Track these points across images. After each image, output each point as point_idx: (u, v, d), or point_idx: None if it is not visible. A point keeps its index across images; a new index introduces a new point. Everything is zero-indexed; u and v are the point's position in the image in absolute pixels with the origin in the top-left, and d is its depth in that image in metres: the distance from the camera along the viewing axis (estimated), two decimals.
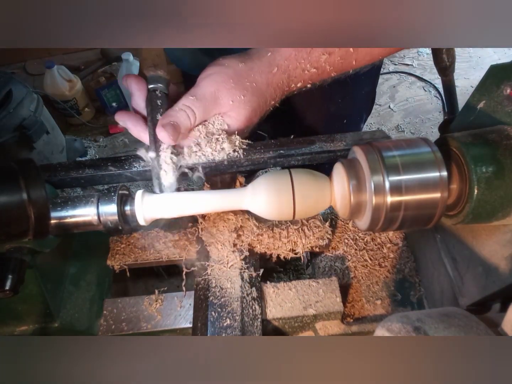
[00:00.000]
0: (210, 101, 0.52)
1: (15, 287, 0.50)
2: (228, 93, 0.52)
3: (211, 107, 0.52)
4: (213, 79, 0.52)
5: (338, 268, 0.70)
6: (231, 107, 0.53)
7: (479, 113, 0.53)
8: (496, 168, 0.46)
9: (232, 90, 0.52)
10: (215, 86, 0.52)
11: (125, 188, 0.52)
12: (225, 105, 0.53)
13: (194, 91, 0.52)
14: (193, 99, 0.51)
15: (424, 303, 0.67)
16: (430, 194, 0.45)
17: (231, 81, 0.52)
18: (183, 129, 0.51)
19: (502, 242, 0.50)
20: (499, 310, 0.53)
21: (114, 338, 0.56)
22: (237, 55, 0.55)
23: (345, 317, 0.64)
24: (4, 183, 0.41)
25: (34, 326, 0.63)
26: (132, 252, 0.65)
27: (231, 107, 0.53)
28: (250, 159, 0.56)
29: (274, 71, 0.53)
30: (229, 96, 0.52)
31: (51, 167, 0.57)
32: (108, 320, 0.60)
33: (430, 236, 0.65)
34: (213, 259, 0.61)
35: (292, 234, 0.64)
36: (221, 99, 0.52)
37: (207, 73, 0.54)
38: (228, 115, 0.54)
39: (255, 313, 0.57)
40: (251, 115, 0.54)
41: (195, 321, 0.57)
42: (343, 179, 0.48)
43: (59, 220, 0.49)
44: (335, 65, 0.56)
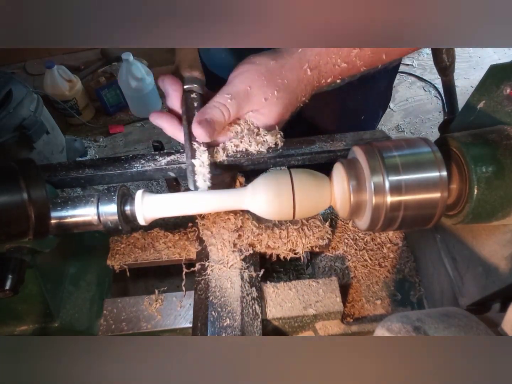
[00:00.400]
0: (243, 98, 0.53)
1: (15, 287, 0.50)
2: (260, 90, 0.53)
3: (244, 104, 0.53)
4: (246, 76, 0.53)
5: (338, 268, 0.70)
6: (263, 104, 0.53)
7: (479, 113, 0.53)
8: (496, 168, 0.46)
9: (264, 88, 0.53)
10: (247, 84, 0.53)
11: (125, 188, 0.52)
12: (258, 102, 0.53)
13: (227, 89, 0.53)
14: (227, 96, 0.52)
15: (424, 303, 0.67)
16: (430, 194, 0.45)
17: (263, 78, 0.53)
18: (218, 125, 0.52)
19: (502, 242, 0.50)
20: (499, 310, 0.53)
21: (114, 338, 0.56)
22: (268, 53, 0.55)
23: (345, 317, 0.64)
24: (4, 183, 0.41)
25: (34, 326, 0.63)
26: (132, 252, 0.65)
27: (263, 105, 0.53)
28: (250, 159, 0.56)
29: (305, 67, 0.53)
30: (261, 94, 0.53)
31: (51, 167, 0.57)
32: (108, 320, 0.60)
33: (430, 236, 0.65)
34: (213, 259, 0.61)
35: (292, 234, 0.64)
36: (253, 97, 0.53)
37: (239, 71, 0.54)
38: (261, 112, 0.55)
39: (255, 313, 0.57)
40: (283, 112, 0.55)
41: (195, 321, 0.57)
42: (343, 179, 0.48)
43: (59, 220, 0.49)
44: (365, 60, 0.55)
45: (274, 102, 0.53)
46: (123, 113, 2.43)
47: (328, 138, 0.59)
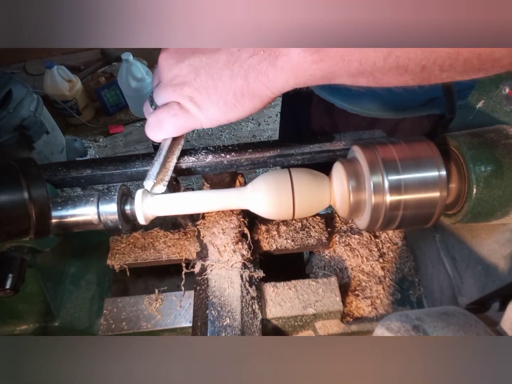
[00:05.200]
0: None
1: (15, 286, 0.50)
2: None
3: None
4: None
5: (337, 267, 0.70)
6: None
7: (478, 113, 0.53)
8: (495, 167, 0.46)
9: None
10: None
11: (125, 188, 0.53)
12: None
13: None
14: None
15: (423, 302, 0.67)
16: (429, 193, 0.45)
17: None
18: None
19: (501, 241, 0.50)
20: (498, 309, 0.54)
21: (114, 338, 0.57)
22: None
23: (344, 316, 0.64)
24: (5, 182, 0.41)
25: (34, 325, 0.63)
26: (132, 252, 0.65)
27: None
28: (250, 159, 0.56)
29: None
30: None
31: (51, 166, 0.57)
32: (108, 320, 0.60)
33: (429, 236, 0.65)
34: (213, 259, 0.62)
35: (291, 234, 0.65)
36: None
37: None
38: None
39: (254, 312, 0.57)
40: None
41: (195, 320, 0.57)
42: (343, 179, 0.48)
43: (60, 219, 0.49)
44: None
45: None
46: (123, 113, 2.43)
47: (327, 137, 0.59)
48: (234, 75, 0.42)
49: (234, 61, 0.42)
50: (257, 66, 0.40)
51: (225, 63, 0.42)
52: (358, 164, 0.48)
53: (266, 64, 0.40)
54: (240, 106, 0.44)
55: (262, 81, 0.41)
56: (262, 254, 0.65)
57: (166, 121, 0.48)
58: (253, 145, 0.57)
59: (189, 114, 0.47)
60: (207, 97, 0.45)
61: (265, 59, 0.40)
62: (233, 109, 0.45)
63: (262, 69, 0.40)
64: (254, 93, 0.42)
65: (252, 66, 0.40)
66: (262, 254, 0.66)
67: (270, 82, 0.41)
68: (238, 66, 0.41)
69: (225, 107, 0.45)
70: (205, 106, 0.46)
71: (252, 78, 0.41)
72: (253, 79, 0.41)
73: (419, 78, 0.37)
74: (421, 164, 0.45)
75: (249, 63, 0.41)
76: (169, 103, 0.48)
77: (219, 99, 0.44)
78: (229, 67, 0.42)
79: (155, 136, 0.51)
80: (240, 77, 0.42)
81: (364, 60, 0.36)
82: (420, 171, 0.45)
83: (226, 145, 0.58)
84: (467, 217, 0.48)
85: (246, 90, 0.42)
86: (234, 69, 0.42)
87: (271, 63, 0.39)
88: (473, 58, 0.33)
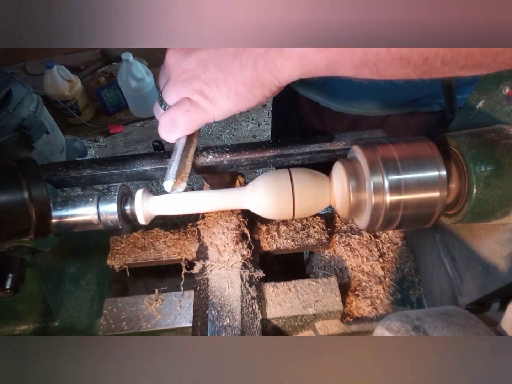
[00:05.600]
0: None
1: (15, 286, 0.50)
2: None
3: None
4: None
5: (337, 267, 0.70)
6: None
7: (478, 113, 0.53)
8: (495, 167, 0.46)
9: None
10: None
11: (125, 188, 0.53)
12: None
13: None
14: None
15: (423, 302, 0.67)
16: (429, 193, 0.45)
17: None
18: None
19: (501, 241, 0.50)
20: (498, 309, 0.54)
21: (114, 338, 0.56)
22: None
23: (344, 316, 0.64)
24: (5, 182, 0.41)
25: (34, 325, 0.63)
26: (132, 252, 0.65)
27: None
28: (250, 159, 0.56)
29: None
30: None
31: (51, 166, 0.57)
32: (108, 320, 0.60)
33: (429, 236, 0.65)
34: (213, 259, 0.62)
35: (291, 234, 0.65)
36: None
37: None
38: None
39: (254, 312, 0.57)
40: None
41: (195, 320, 0.57)
42: (343, 179, 0.48)
43: (60, 219, 0.49)
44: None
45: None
46: (123, 113, 2.43)
47: (327, 137, 0.59)
48: (243, 65, 0.42)
49: (242, 51, 0.42)
50: (265, 54, 0.41)
51: (233, 54, 0.43)
52: (358, 164, 0.48)
53: (273, 52, 0.40)
54: (251, 96, 0.44)
55: (270, 69, 0.41)
56: (262, 254, 0.65)
57: (179, 119, 0.47)
58: (253, 145, 0.57)
59: (200, 108, 0.46)
60: (217, 90, 0.45)
61: (272, 47, 0.40)
62: (244, 100, 0.45)
63: (270, 58, 0.40)
64: (263, 82, 0.43)
65: (260, 55, 0.41)
66: (262, 254, 0.66)
67: (277, 71, 0.41)
68: (246, 56, 0.42)
69: (236, 98, 0.45)
70: (216, 99, 0.45)
71: (261, 67, 0.41)
72: (261, 69, 0.41)
73: (420, 70, 0.37)
74: (421, 164, 0.45)
75: (257, 52, 0.41)
76: (180, 101, 0.47)
77: (229, 90, 0.44)
78: (237, 58, 0.42)
79: (170, 137, 0.50)
80: (249, 67, 0.42)
81: (368, 49, 0.36)
82: (420, 171, 0.45)
83: (226, 145, 0.58)
84: (467, 217, 0.48)
85: (256, 79, 0.42)
86: (242, 59, 0.42)
87: (278, 51, 0.40)
88: (475, 51, 0.34)
